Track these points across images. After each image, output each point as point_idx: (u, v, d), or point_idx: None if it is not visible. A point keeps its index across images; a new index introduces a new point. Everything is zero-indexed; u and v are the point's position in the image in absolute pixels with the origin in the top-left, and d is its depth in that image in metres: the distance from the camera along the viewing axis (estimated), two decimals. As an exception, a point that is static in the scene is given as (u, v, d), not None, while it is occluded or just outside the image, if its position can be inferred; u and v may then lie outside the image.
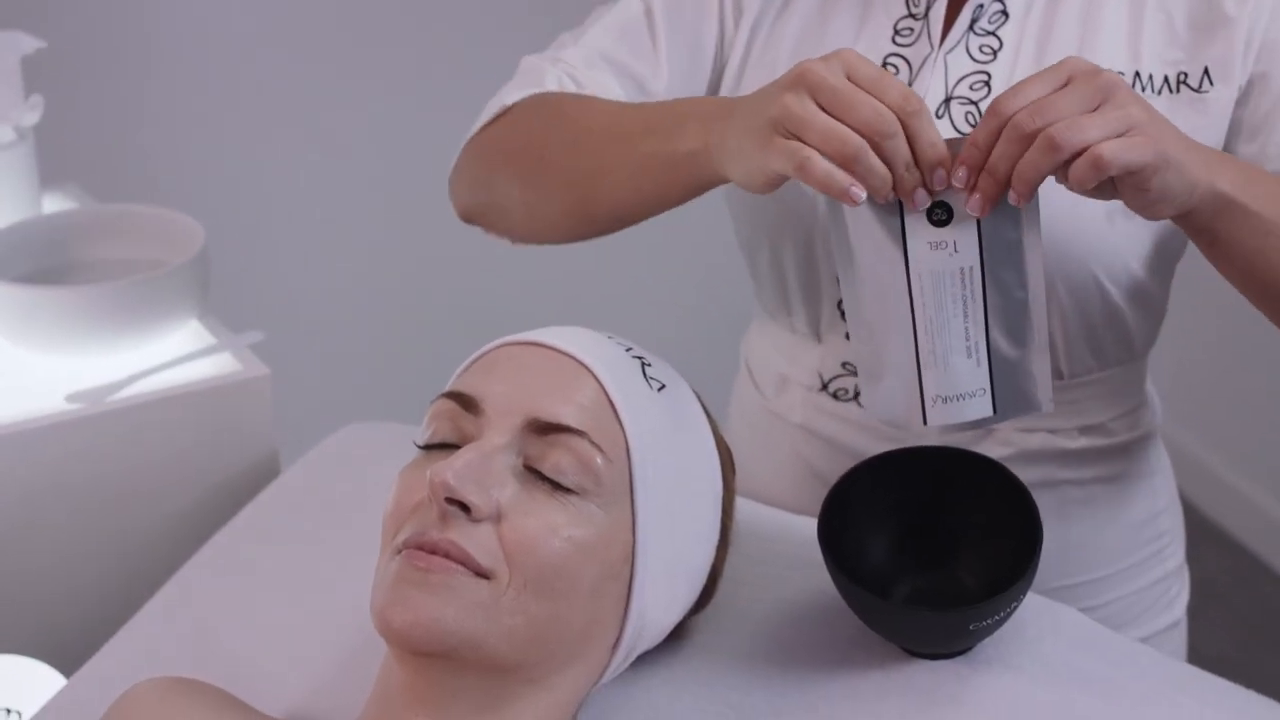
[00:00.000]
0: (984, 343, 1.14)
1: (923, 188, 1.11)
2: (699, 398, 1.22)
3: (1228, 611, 3.07)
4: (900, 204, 1.12)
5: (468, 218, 1.44)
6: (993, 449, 1.40)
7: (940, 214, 1.12)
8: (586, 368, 1.13)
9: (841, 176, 1.08)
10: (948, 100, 1.33)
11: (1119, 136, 1.06)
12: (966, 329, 1.13)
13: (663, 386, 1.17)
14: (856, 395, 1.44)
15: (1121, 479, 1.46)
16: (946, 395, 1.16)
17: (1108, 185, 1.10)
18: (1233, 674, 1.29)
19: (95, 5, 2.63)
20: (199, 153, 2.70)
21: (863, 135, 1.08)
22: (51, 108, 1.90)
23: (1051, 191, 1.12)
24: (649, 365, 1.17)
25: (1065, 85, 1.08)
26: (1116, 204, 1.28)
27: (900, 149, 1.09)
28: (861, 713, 1.18)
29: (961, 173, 1.09)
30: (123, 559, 1.63)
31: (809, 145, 1.08)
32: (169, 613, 1.41)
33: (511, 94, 1.40)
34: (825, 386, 1.45)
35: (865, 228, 1.14)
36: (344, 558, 1.35)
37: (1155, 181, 1.09)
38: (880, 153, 1.09)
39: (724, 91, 1.43)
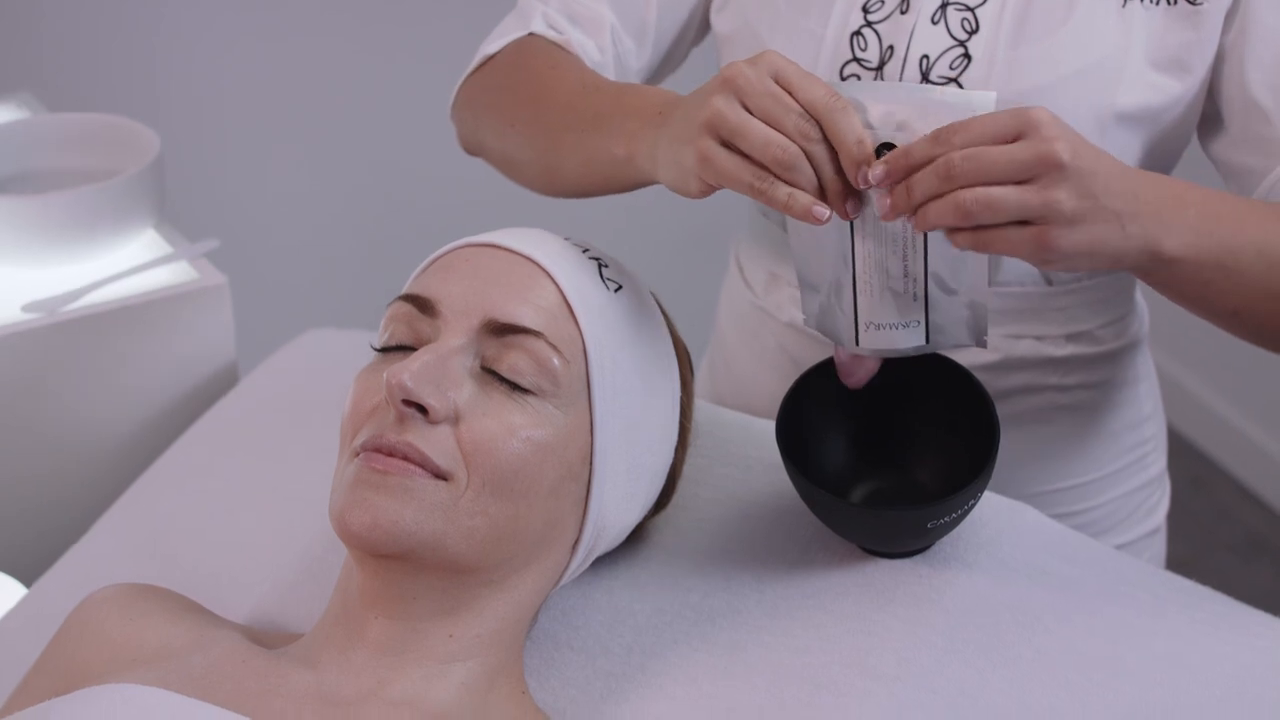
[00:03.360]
0: (922, 278, 1.14)
1: (852, 197, 1.09)
2: (656, 299, 1.22)
3: (1187, 517, 3.09)
4: None
5: (469, 153, 1.45)
6: (980, 355, 1.40)
7: (887, 153, 1.11)
8: (543, 269, 1.13)
9: (804, 197, 1.06)
10: (944, 6, 1.32)
11: (1023, 224, 1.06)
12: (905, 265, 1.13)
13: (619, 287, 1.17)
14: None
15: (1106, 386, 1.47)
16: (879, 323, 1.16)
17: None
18: (1191, 577, 1.30)
19: (46, -86, 2.60)
20: (153, 60, 2.67)
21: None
22: (3, 16, 1.88)
23: (1046, 101, 1.11)
24: (605, 266, 1.17)
25: (1015, 138, 1.06)
26: (1112, 115, 1.29)
27: (824, 155, 1.07)
28: (821, 611, 1.19)
29: (880, 170, 1.07)
30: (81, 468, 1.62)
31: (743, 153, 1.07)
32: (129, 521, 1.41)
33: (493, 43, 1.41)
34: None
35: None
36: (303, 463, 1.35)
37: (1052, 266, 1.09)
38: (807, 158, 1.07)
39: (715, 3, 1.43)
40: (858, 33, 1.33)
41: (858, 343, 1.18)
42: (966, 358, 1.39)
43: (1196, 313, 1.22)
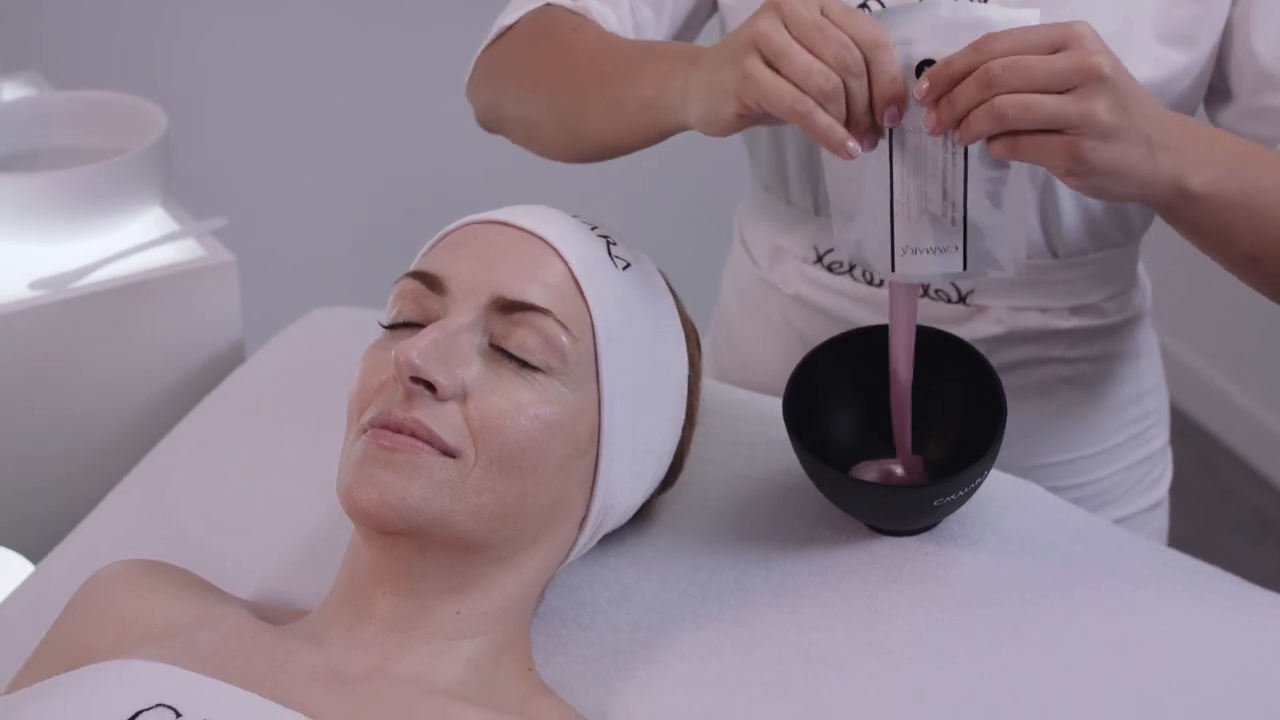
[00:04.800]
0: (961, 202, 1.13)
1: (873, 132, 1.09)
2: (665, 277, 1.22)
3: (1194, 497, 3.09)
4: None
5: (487, 129, 1.45)
6: (985, 328, 1.41)
7: (929, 68, 1.10)
8: (551, 246, 1.13)
9: (840, 130, 1.07)
10: None
11: (1058, 132, 1.06)
12: (944, 188, 1.12)
13: (628, 265, 1.17)
14: (851, 268, 1.44)
15: (1109, 359, 1.47)
16: (916, 247, 1.15)
17: None
18: (1198, 557, 1.30)
19: (53, -109, 2.60)
20: (160, 38, 2.67)
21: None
22: (10, -6, 1.88)
23: None
24: (614, 244, 1.17)
25: (1057, 50, 1.06)
26: None
27: (862, 91, 1.07)
28: (828, 589, 1.19)
29: (924, 85, 1.07)
30: (89, 446, 1.63)
31: (785, 77, 1.07)
32: (136, 499, 1.41)
33: (510, 14, 1.41)
34: (820, 259, 1.46)
35: None
36: (310, 441, 1.35)
37: (1074, 183, 1.09)
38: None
39: None
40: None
41: (893, 268, 1.16)
42: (971, 330, 1.40)
43: (1217, 257, 1.21)
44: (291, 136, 2.84)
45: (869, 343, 1.25)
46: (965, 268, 1.15)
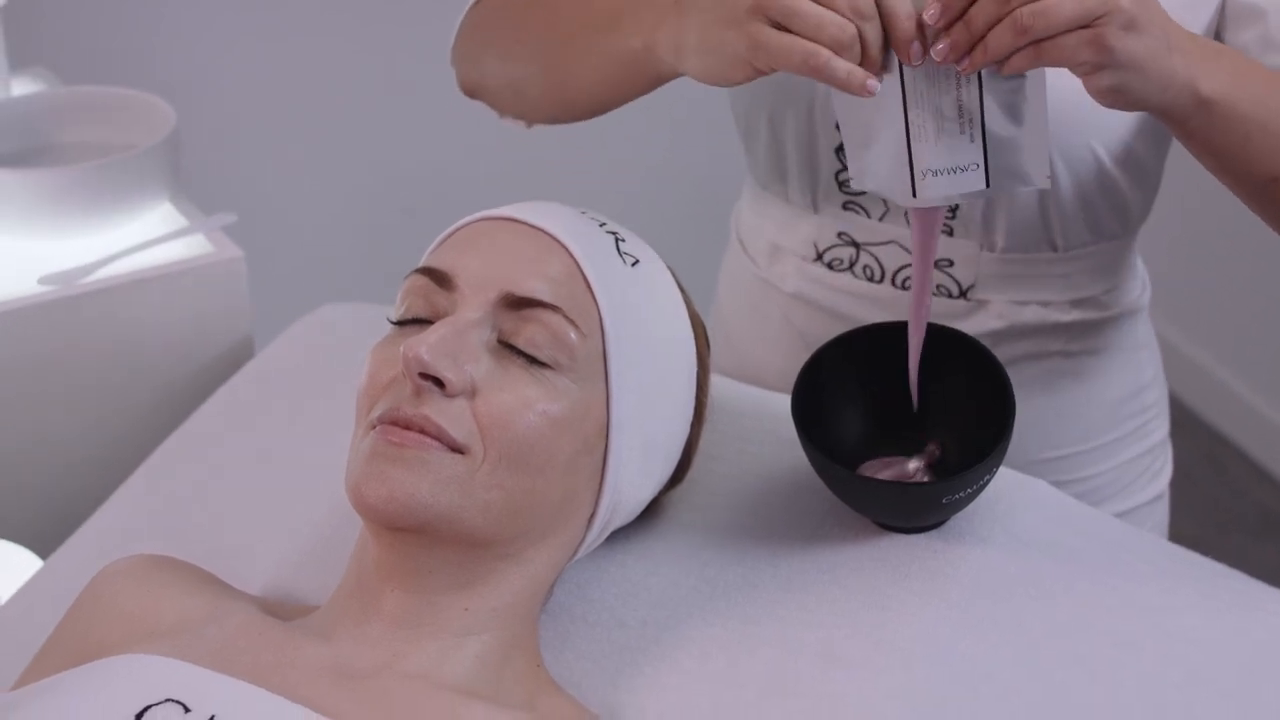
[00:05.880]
0: (979, 118, 1.10)
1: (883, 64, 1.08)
2: (673, 273, 1.22)
3: (1195, 492, 3.09)
4: None
5: (469, 94, 1.44)
6: (986, 322, 1.41)
7: None
8: (560, 242, 1.13)
9: (860, 73, 1.06)
10: None
11: (1083, 28, 1.05)
12: (960, 105, 1.10)
13: (636, 262, 1.17)
14: (851, 265, 1.44)
15: (1109, 352, 1.47)
16: (937, 168, 1.12)
17: None
18: (1204, 554, 1.30)
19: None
20: (169, 33, 2.67)
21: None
22: (19, -10, 1.88)
23: (1052, 72, 1.10)
24: (623, 241, 1.17)
25: None
26: None
27: (877, 32, 1.07)
28: (836, 586, 1.19)
29: (935, 9, 1.06)
30: (97, 442, 1.63)
31: (797, 34, 1.06)
32: (144, 495, 1.41)
33: None
34: (820, 256, 1.45)
35: None
36: (318, 437, 1.36)
37: (1097, 81, 1.08)
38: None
39: None
40: None
41: (914, 194, 1.13)
42: (972, 325, 1.40)
43: (1238, 185, 1.21)
44: (303, 132, 2.84)
45: (873, 341, 1.25)
46: (989, 185, 1.13)
